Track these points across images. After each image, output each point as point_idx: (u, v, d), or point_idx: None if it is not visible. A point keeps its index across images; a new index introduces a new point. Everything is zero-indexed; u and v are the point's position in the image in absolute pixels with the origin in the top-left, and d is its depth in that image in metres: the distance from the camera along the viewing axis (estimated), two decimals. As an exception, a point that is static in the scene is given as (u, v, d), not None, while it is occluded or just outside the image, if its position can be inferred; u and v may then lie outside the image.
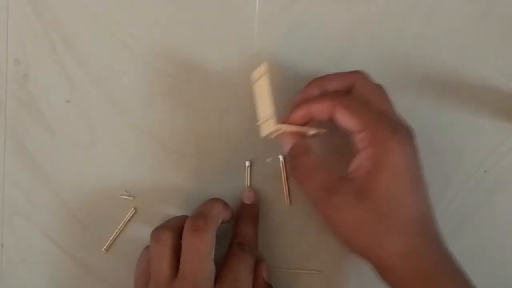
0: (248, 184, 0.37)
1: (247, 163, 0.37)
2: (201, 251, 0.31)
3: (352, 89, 0.32)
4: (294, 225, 0.37)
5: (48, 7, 0.37)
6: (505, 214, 0.37)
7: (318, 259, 0.32)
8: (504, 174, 0.37)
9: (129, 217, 0.37)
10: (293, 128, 0.32)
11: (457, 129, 0.37)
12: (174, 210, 0.37)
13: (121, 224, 0.37)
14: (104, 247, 0.37)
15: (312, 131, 0.33)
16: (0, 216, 0.37)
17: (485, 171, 0.37)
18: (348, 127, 0.31)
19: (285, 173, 0.37)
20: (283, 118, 0.33)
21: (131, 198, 0.37)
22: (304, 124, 0.33)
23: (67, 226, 0.37)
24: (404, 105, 0.37)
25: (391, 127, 0.29)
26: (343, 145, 0.34)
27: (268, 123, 0.31)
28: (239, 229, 0.35)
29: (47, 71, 0.37)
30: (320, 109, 0.31)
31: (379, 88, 0.32)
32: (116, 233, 0.37)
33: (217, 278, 0.32)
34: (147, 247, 0.35)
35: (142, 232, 0.37)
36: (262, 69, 0.31)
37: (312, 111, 0.32)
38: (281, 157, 0.36)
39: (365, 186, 0.29)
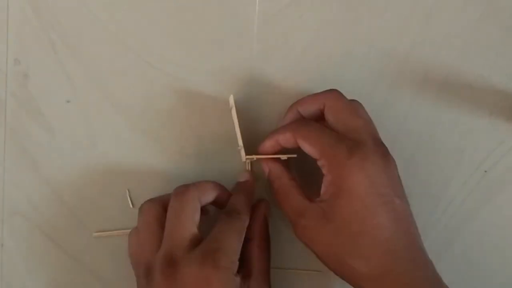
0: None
1: (248, 163, 0.37)
2: (179, 212, 0.30)
3: (324, 109, 0.32)
4: (294, 225, 0.37)
5: (48, 7, 0.37)
6: (505, 214, 0.37)
7: (318, 259, 0.32)
8: (504, 174, 0.37)
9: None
10: (264, 157, 0.34)
11: (456, 129, 0.37)
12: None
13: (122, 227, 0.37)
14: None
15: (283, 157, 0.34)
16: (0, 216, 0.37)
17: (485, 171, 0.37)
18: (310, 155, 0.32)
19: (285, 173, 0.36)
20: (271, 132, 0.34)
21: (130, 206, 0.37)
22: (277, 152, 0.34)
23: (67, 226, 0.37)
24: (404, 105, 0.37)
25: (348, 150, 0.29)
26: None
27: (242, 153, 0.34)
28: (229, 202, 0.33)
29: (47, 71, 0.37)
30: (285, 140, 0.33)
31: (350, 105, 0.32)
32: (117, 233, 0.37)
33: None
34: (135, 228, 0.33)
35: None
36: (231, 101, 0.34)
37: (279, 141, 0.33)
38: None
39: (329, 211, 0.30)
